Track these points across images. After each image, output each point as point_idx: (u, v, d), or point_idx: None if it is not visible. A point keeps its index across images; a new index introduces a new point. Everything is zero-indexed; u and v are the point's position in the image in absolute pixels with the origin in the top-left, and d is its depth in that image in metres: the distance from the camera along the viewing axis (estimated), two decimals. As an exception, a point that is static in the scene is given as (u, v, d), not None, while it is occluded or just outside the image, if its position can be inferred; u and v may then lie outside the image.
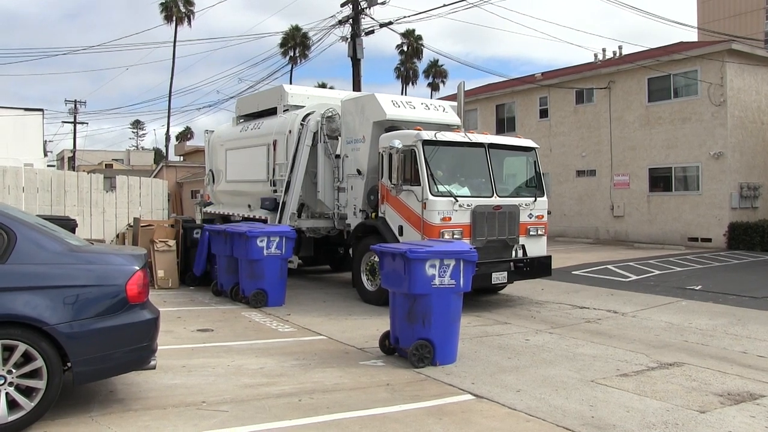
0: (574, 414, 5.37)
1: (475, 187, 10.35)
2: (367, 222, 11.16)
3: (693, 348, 7.87)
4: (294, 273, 13.09)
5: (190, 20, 54.69)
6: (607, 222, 24.62)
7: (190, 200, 39.00)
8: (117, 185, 14.92)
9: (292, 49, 54.25)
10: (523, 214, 10.56)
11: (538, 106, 27.53)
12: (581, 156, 25.64)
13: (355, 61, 23.39)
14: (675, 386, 6.19)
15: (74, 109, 55.19)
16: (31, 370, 4.68)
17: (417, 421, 5.14)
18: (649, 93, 23.31)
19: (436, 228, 9.63)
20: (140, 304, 5.18)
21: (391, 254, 7.05)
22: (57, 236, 5.25)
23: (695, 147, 21.81)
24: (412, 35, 57.71)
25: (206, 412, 5.26)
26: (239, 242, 10.48)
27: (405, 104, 11.71)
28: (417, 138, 9.97)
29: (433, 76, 66.23)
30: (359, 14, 23.18)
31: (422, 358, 6.75)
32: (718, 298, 11.46)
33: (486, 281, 9.98)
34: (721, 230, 21.07)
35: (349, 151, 11.93)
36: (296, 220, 12.60)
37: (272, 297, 10.46)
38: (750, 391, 6.05)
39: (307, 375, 6.45)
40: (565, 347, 7.85)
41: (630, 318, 9.87)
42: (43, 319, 4.68)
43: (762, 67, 22.35)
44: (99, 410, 5.20)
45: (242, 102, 16.39)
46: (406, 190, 10.04)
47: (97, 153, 71.60)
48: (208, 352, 7.42)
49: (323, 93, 15.28)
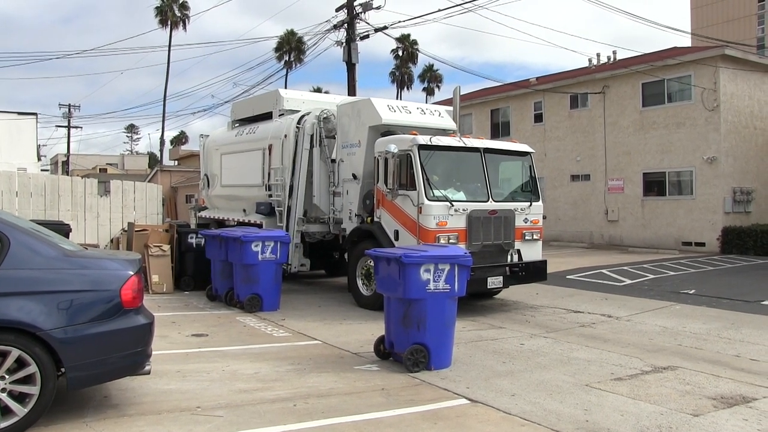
0: (568, 418, 5.38)
1: (471, 192, 10.36)
2: (363, 226, 11.16)
3: (687, 352, 7.89)
4: (288, 278, 13.07)
5: (185, 24, 54.67)
6: (602, 226, 24.69)
7: (185, 205, 38.96)
8: (111, 190, 14.86)
9: (287, 54, 54.33)
10: (518, 219, 10.57)
11: (533, 110, 27.63)
12: (576, 160, 25.72)
13: (350, 66, 23.41)
14: (669, 390, 6.21)
15: (68, 113, 55.14)
16: (24, 375, 4.66)
17: (412, 426, 5.14)
18: (643, 98, 23.43)
19: (431, 232, 9.65)
20: (135, 309, 5.17)
21: (386, 259, 7.06)
22: (51, 241, 5.24)
23: (689, 152, 21.92)
24: (407, 40, 57.89)
25: (201, 417, 5.25)
26: (234, 247, 10.46)
27: (401, 109, 11.73)
28: (413, 142, 9.98)
29: (428, 80, 66.38)
30: (354, 19, 23.21)
31: (417, 363, 6.75)
32: (712, 302, 11.51)
33: (482, 286, 9.99)
34: (714, 234, 21.17)
35: (344, 156, 11.93)
36: (303, 225, 12.57)
37: (267, 302, 10.44)
38: (743, 395, 6.08)
39: (302, 380, 6.44)
40: (560, 351, 7.86)
41: (624, 322, 9.90)
42: (36, 324, 4.66)
43: (755, 73, 22.49)
44: (93, 416, 5.18)
45: (237, 106, 16.38)
46: (401, 195, 10.05)
47: (92, 157, 71.43)
48: (203, 357, 7.40)
49: (319, 97, 15.30)
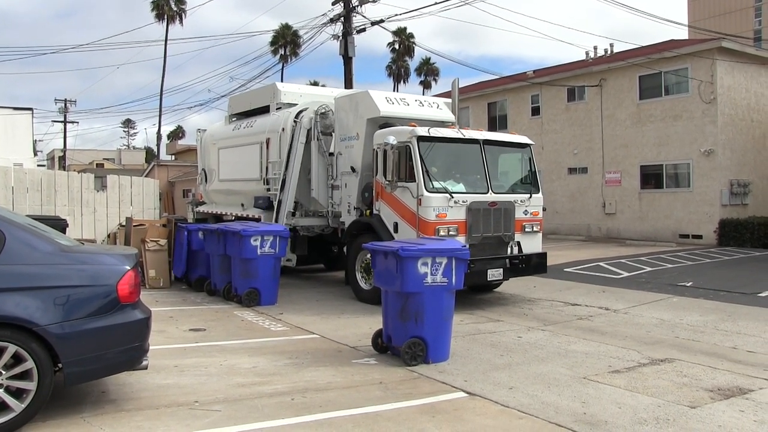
0: (566, 411, 5.39)
1: (471, 184, 10.29)
2: (362, 219, 11.12)
3: (684, 344, 7.91)
4: (287, 272, 13.07)
5: (182, 19, 54.36)
6: (599, 219, 24.71)
7: (182, 199, 38.88)
8: (108, 185, 14.82)
9: (283, 48, 54.10)
10: (518, 211, 10.52)
11: (530, 103, 27.60)
12: (573, 153, 25.72)
13: (346, 59, 23.35)
14: (666, 382, 6.23)
15: (64, 108, 54.87)
16: (21, 371, 4.65)
17: (410, 420, 5.15)
18: (641, 91, 23.41)
19: (431, 225, 9.60)
20: (132, 304, 5.16)
21: (384, 252, 7.05)
22: (47, 236, 5.22)
23: (686, 144, 21.92)
24: (403, 33, 57.75)
25: (199, 411, 5.25)
26: (233, 241, 10.45)
27: (399, 101, 11.67)
28: (412, 134, 9.94)
29: (425, 74, 66.17)
30: (351, 12, 23.14)
31: (415, 356, 6.75)
32: (709, 295, 11.53)
33: (482, 278, 9.98)
34: (711, 227, 21.20)
35: (342, 149, 11.88)
36: (292, 219, 12.54)
37: (265, 296, 10.44)
38: (739, 386, 6.10)
39: (300, 374, 6.44)
40: (558, 344, 7.87)
41: (622, 315, 9.92)
42: (33, 320, 4.65)
43: (752, 65, 22.48)
44: (91, 411, 5.17)
45: (234, 100, 16.29)
46: (401, 187, 10.01)
47: (88, 152, 71.29)
48: (201, 351, 7.40)
49: (316, 91, 15.20)
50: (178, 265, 12.51)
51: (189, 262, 12.44)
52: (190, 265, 12.44)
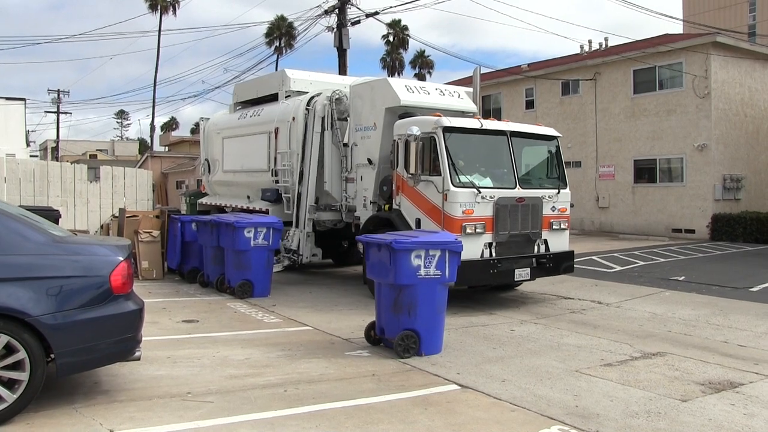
0: (558, 403, 5.42)
1: (497, 178, 9.75)
2: (381, 215, 10.58)
3: (676, 338, 7.96)
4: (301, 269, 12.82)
5: (175, 9, 54.00)
6: (593, 213, 24.78)
7: (176, 191, 38.77)
8: (101, 176, 14.75)
9: (278, 39, 53.76)
10: (545, 207, 9.98)
11: (525, 97, 27.61)
12: (567, 147, 25.64)
13: (341, 51, 23.29)
14: (658, 376, 6.27)
15: (57, 99, 54.56)
16: (13, 361, 4.64)
17: (402, 411, 5.16)
18: (635, 85, 23.43)
19: (457, 221, 9.04)
20: (124, 294, 5.14)
21: (377, 245, 7.05)
22: (40, 227, 5.19)
23: (680, 139, 21.98)
24: (398, 26, 57.41)
25: (192, 403, 5.25)
26: (226, 233, 10.42)
27: (419, 89, 11.09)
28: (437, 124, 9.37)
29: (419, 66, 65.88)
30: (345, 4, 23.06)
31: (408, 349, 6.77)
32: (701, 289, 11.59)
33: (508, 277, 9.57)
34: (704, 221, 21.29)
35: (358, 139, 11.32)
36: (315, 213, 12.09)
37: (258, 288, 10.43)
38: (730, 380, 6.14)
39: (293, 366, 6.45)
40: (550, 337, 7.90)
41: (614, 308, 9.96)
42: (25, 310, 4.63)
43: (746, 60, 22.53)
44: (83, 402, 5.17)
45: (240, 88, 15.65)
46: (424, 181, 9.43)
47: (81, 143, 70.92)
48: (194, 343, 7.39)
49: (327, 78, 14.13)
50: (172, 257, 12.45)
51: (182, 253, 12.36)
52: (183, 256, 12.37)
